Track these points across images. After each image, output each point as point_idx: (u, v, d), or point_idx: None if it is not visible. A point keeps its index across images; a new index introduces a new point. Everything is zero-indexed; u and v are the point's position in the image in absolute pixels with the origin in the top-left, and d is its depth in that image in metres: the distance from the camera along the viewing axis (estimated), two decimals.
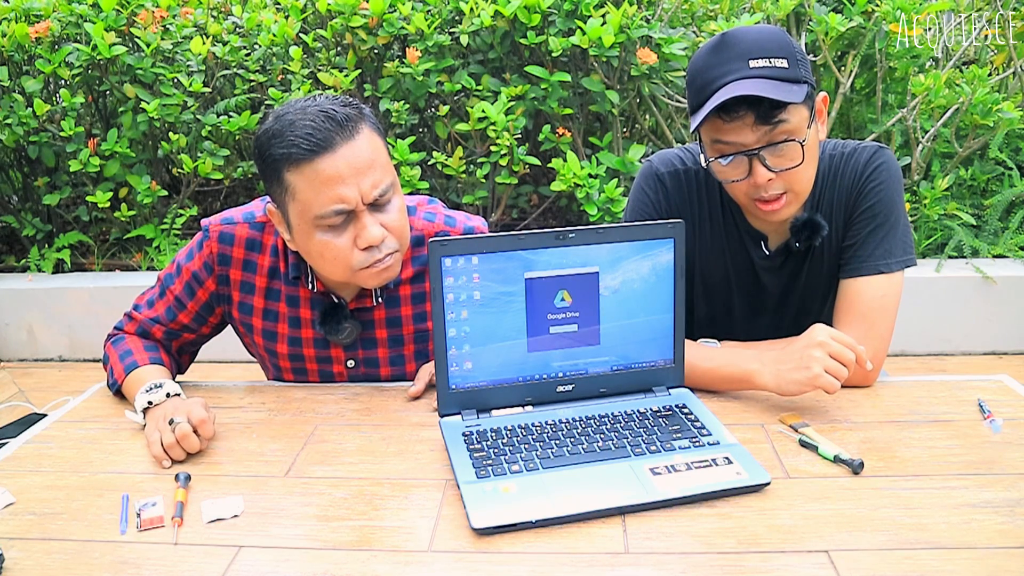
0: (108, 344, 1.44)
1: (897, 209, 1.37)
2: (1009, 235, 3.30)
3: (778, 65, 1.21)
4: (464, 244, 1.15)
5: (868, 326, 1.34)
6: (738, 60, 1.22)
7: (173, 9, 3.35)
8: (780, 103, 1.20)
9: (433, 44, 3.09)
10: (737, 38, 1.24)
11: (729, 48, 1.23)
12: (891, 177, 1.37)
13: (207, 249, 1.37)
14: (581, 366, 1.22)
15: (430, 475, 1.11)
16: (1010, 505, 0.99)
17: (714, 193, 1.44)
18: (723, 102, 1.20)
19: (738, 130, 1.24)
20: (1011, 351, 3.18)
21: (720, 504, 1.01)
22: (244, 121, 3.21)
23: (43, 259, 3.53)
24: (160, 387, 1.27)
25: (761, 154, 1.25)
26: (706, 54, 1.26)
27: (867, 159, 1.37)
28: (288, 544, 0.97)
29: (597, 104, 3.16)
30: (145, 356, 1.38)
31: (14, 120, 3.21)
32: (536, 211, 3.61)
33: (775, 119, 1.22)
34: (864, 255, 1.36)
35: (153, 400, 1.25)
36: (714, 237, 1.46)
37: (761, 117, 1.21)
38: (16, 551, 0.96)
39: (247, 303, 1.40)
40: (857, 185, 1.37)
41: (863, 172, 1.37)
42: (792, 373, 1.21)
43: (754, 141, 1.24)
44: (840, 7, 3.19)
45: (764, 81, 1.20)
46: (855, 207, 1.37)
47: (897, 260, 1.36)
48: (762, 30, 1.26)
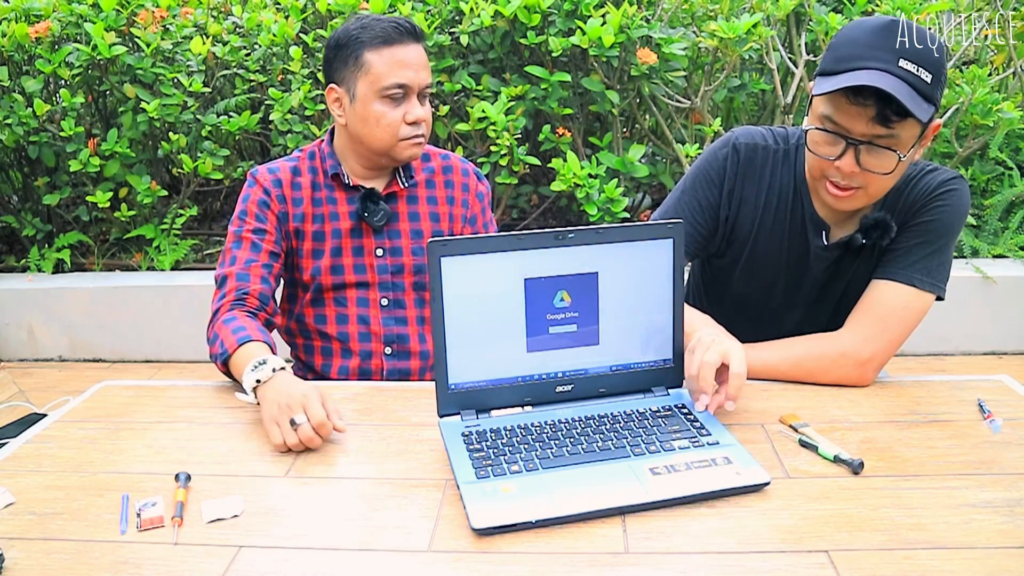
0: (218, 323, 1.45)
1: (949, 237, 1.37)
2: (1009, 235, 3.31)
3: (923, 77, 1.19)
4: (464, 244, 1.15)
5: (882, 328, 1.33)
6: (892, 52, 1.19)
7: (173, 9, 3.35)
8: (905, 112, 1.18)
9: (433, 44, 3.09)
10: (902, 32, 1.21)
11: (890, 37, 1.20)
12: (959, 206, 1.36)
13: (259, 185, 1.59)
14: (580, 366, 1.22)
15: (430, 475, 1.11)
16: (1010, 505, 0.99)
17: (789, 174, 1.44)
18: (856, 85, 1.18)
19: (855, 117, 1.22)
20: (1011, 351, 3.18)
21: (720, 504, 1.01)
22: (244, 121, 3.21)
23: (43, 259, 3.53)
24: (264, 363, 1.28)
25: (860, 147, 1.24)
26: (867, 29, 1.23)
27: (943, 181, 1.37)
28: (288, 544, 0.97)
29: (597, 104, 3.16)
30: (259, 335, 1.40)
31: (14, 120, 3.21)
32: (536, 211, 3.61)
33: (892, 124, 1.20)
34: (904, 263, 1.36)
35: (261, 378, 1.27)
36: (777, 217, 1.45)
37: (881, 117, 1.20)
38: (16, 551, 0.96)
39: (300, 229, 1.60)
40: (923, 200, 1.37)
41: (935, 190, 1.36)
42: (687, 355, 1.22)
43: (861, 133, 1.23)
44: (840, 7, 3.19)
45: (904, 85, 1.18)
46: (913, 217, 1.37)
47: (932, 282, 1.36)
48: (927, 35, 1.23)
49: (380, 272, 1.60)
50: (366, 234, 1.60)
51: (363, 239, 1.60)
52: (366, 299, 1.61)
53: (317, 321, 1.62)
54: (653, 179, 3.35)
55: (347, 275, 1.60)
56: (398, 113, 1.51)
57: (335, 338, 1.61)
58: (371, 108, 1.51)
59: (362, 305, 1.61)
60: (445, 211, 1.65)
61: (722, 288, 1.52)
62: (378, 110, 1.50)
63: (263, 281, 1.52)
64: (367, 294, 1.60)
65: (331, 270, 1.59)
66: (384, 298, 1.61)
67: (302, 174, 1.61)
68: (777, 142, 1.45)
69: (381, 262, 1.60)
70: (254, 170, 1.61)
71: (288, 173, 1.60)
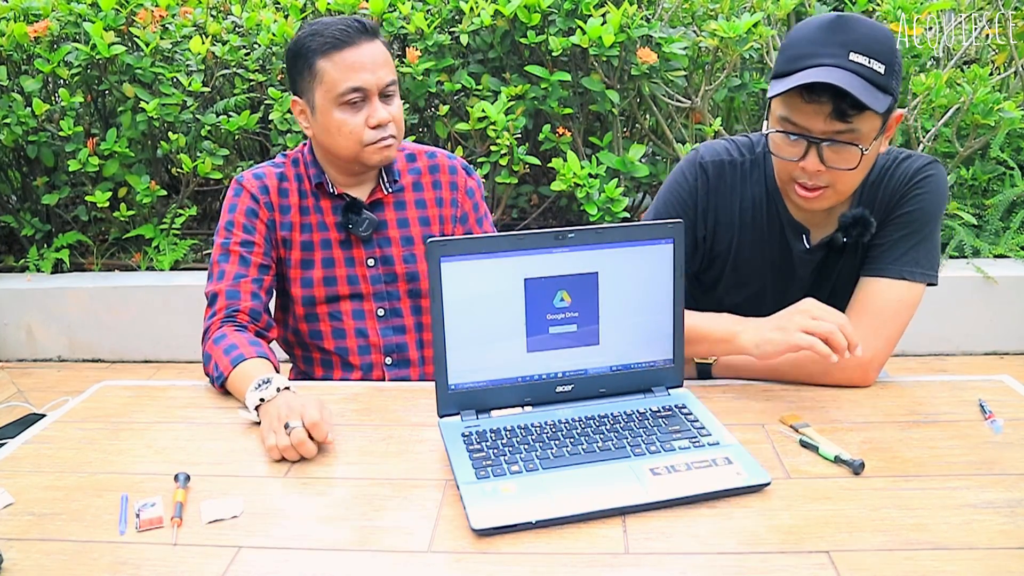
0: (209, 343, 1.42)
1: (933, 224, 1.36)
2: (1010, 235, 3.30)
3: (875, 68, 1.19)
4: (464, 244, 1.14)
5: (878, 326, 1.33)
6: (841, 47, 1.19)
7: (172, 8, 3.35)
8: (861, 105, 1.18)
9: (433, 44, 3.09)
10: (849, 25, 1.21)
11: (838, 32, 1.21)
12: (937, 191, 1.36)
13: (247, 191, 1.54)
14: (581, 366, 1.22)
15: (430, 475, 1.11)
16: (1011, 506, 0.99)
17: (759, 185, 1.44)
18: (809, 83, 1.18)
19: (811, 115, 1.22)
20: (1012, 351, 3.18)
21: (720, 504, 1.01)
22: (244, 121, 3.21)
23: (42, 259, 3.53)
24: (269, 383, 1.25)
25: (821, 145, 1.24)
26: (814, 28, 1.23)
27: (918, 168, 1.37)
28: (288, 544, 0.97)
29: (597, 104, 3.16)
30: (251, 350, 1.37)
31: (13, 120, 3.21)
32: (536, 211, 3.61)
33: (850, 118, 1.20)
34: (892, 258, 1.36)
35: (264, 397, 1.24)
36: (755, 227, 1.45)
37: (838, 112, 1.20)
38: (15, 551, 0.96)
39: (288, 239, 1.56)
40: (901, 190, 1.36)
41: (911, 179, 1.36)
42: (770, 333, 1.23)
43: (820, 131, 1.23)
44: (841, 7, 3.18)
45: (857, 78, 1.18)
46: (894, 209, 1.37)
47: (922, 272, 1.35)
48: (876, 27, 1.23)
49: (374, 282, 1.57)
50: (356, 244, 1.56)
51: (353, 250, 1.56)
52: (362, 311, 1.57)
53: (313, 336, 1.59)
54: (653, 179, 3.35)
55: (340, 287, 1.56)
56: (359, 118, 1.45)
57: (334, 352, 1.58)
58: (332, 117, 1.45)
59: (358, 318, 1.57)
60: (435, 213, 1.61)
61: (713, 300, 1.52)
62: (338, 118, 1.45)
63: (254, 297, 1.48)
64: (362, 305, 1.57)
65: (324, 281, 1.55)
66: (380, 308, 1.57)
67: (288, 180, 1.56)
68: (743, 153, 1.45)
69: (374, 272, 1.57)
70: (239, 176, 1.56)
71: (275, 179, 1.55)
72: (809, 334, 1.19)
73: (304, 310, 1.57)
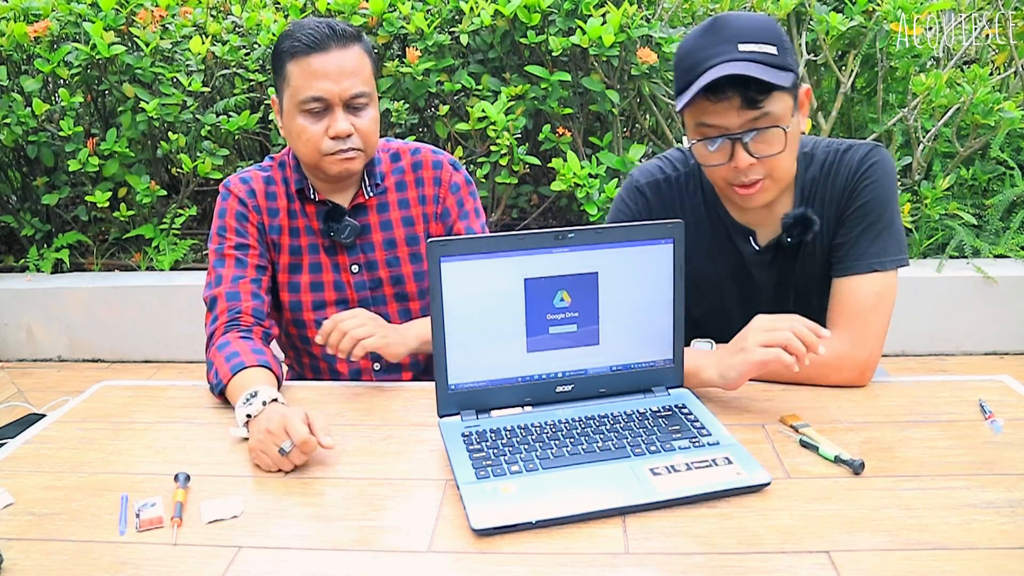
0: (212, 350, 1.40)
1: (891, 208, 1.37)
2: (1010, 235, 3.30)
3: (767, 51, 1.22)
4: (463, 244, 1.14)
5: (862, 324, 1.33)
6: (728, 43, 1.22)
7: (172, 8, 3.35)
8: (766, 88, 1.20)
9: (433, 44, 3.09)
10: (728, 22, 1.25)
11: (719, 31, 1.24)
12: (885, 176, 1.36)
13: (234, 196, 1.52)
14: (580, 366, 1.22)
15: (430, 475, 1.11)
16: (1011, 505, 0.99)
17: (697, 195, 1.45)
18: (711, 83, 1.20)
19: (723, 112, 1.24)
20: (1012, 351, 3.18)
21: (720, 504, 1.01)
22: (243, 121, 3.21)
23: (42, 259, 3.53)
24: (255, 396, 1.21)
25: (744, 139, 1.25)
26: (696, 36, 1.26)
27: (861, 157, 1.37)
28: (288, 544, 0.97)
29: (597, 104, 3.16)
30: (253, 357, 1.34)
31: (13, 120, 3.21)
32: (536, 211, 3.61)
33: (760, 103, 1.22)
34: (858, 253, 1.36)
35: (251, 412, 1.20)
36: (700, 238, 1.45)
37: (747, 101, 1.22)
38: (15, 552, 0.96)
39: (277, 242, 1.54)
40: (851, 183, 1.37)
41: (857, 169, 1.37)
42: (730, 359, 1.22)
43: (738, 125, 1.25)
44: (841, 6, 3.18)
45: (753, 64, 1.20)
46: (848, 205, 1.37)
47: (891, 259, 1.35)
48: (752, 16, 1.26)
49: (358, 289, 1.54)
50: (340, 251, 1.54)
51: (338, 256, 1.54)
52: None
53: (302, 341, 1.58)
54: None
55: (327, 292, 1.54)
56: (319, 128, 1.41)
57: (321, 358, 1.58)
58: (295, 122, 1.43)
59: None
60: (418, 212, 1.56)
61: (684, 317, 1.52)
62: (299, 124, 1.42)
63: (254, 297, 1.47)
64: None
65: (311, 287, 1.54)
66: None
67: (276, 183, 1.54)
68: (676, 168, 1.47)
69: (358, 278, 1.54)
70: (226, 181, 1.54)
71: (261, 183, 1.53)
72: (769, 347, 1.19)
73: (292, 315, 1.56)
